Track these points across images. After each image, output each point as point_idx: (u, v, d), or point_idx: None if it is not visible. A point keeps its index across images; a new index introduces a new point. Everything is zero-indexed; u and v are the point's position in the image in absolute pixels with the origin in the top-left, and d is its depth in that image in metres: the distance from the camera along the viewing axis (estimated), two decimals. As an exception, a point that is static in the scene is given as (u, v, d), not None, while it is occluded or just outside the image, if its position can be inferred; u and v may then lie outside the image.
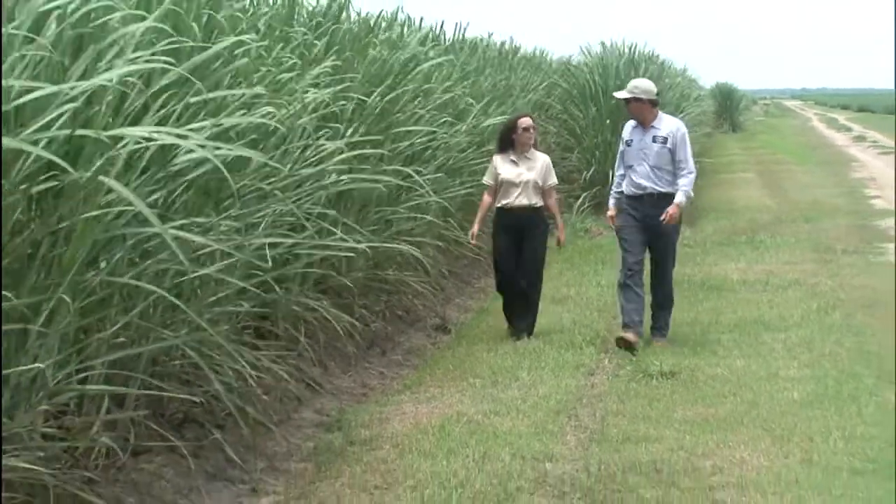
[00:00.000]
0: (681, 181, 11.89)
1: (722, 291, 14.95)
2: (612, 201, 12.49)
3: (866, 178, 33.68)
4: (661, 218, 11.69)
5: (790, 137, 58.81)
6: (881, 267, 17.49)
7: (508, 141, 12.52)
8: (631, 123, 12.22)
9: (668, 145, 11.88)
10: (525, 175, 12.34)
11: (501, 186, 12.39)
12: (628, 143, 12.10)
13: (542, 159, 12.62)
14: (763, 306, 14.06)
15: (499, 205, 12.48)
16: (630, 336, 11.66)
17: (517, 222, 12.37)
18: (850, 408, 9.62)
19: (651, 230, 11.94)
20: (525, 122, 12.58)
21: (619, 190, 12.26)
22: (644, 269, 12.15)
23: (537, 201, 12.41)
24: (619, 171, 12.35)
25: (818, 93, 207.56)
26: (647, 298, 12.30)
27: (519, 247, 12.36)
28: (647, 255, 12.32)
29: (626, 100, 12.14)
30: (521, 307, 12.48)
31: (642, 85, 12.23)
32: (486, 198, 12.68)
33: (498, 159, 12.55)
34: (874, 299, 14.52)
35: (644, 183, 11.89)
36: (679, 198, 11.81)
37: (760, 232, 21.06)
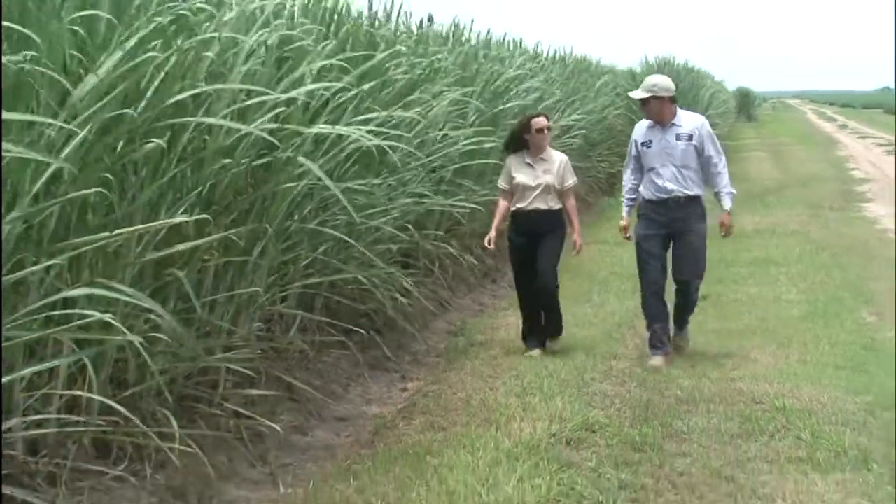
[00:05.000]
0: (717, 181, 8.38)
1: (740, 238, 14.66)
2: (625, 210, 8.71)
3: (847, 156, 33.47)
4: (723, 235, 8.56)
5: (791, 126, 57.87)
6: (858, 220, 17.44)
7: (521, 141, 8.75)
8: (645, 124, 8.49)
9: (694, 142, 8.29)
10: (542, 178, 8.62)
11: (517, 190, 8.68)
12: (646, 145, 8.40)
13: (558, 159, 8.77)
14: (771, 248, 13.98)
15: (514, 208, 8.75)
16: (658, 362, 8.19)
17: (534, 227, 8.63)
18: (834, 322, 9.60)
19: (677, 236, 8.36)
20: (539, 122, 8.74)
21: (632, 196, 8.62)
22: (667, 277, 8.53)
23: (554, 204, 8.66)
24: (631, 178, 8.61)
25: (812, 93, 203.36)
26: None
27: (534, 251, 8.65)
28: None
29: (643, 100, 8.37)
30: (537, 316, 8.82)
31: (662, 82, 8.48)
32: (502, 202, 8.87)
33: (512, 161, 8.79)
34: (853, 244, 14.49)
35: (670, 186, 8.25)
36: (727, 203, 8.39)
37: (769, 194, 20.88)
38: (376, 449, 6.35)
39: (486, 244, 9.03)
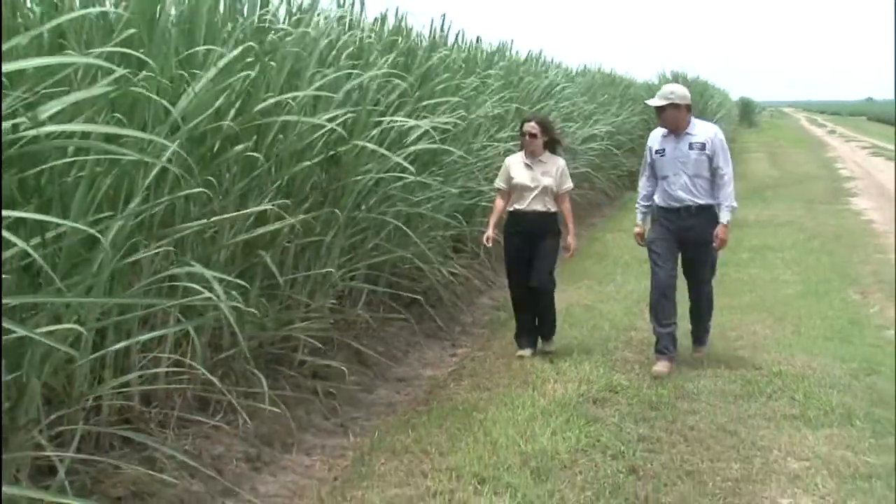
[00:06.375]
0: (722, 194, 7.21)
1: (742, 228, 14.62)
2: (639, 216, 7.62)
3: (836, 157, 33.29)
4: (714, 245, 7.24)
5: (787, 131, 57.30)
6: (846, 212, 17.29)
7: (522, 143, 7.67)
8: (660, 132, 7.41)
9: (707, 151, 7.19)
10: (539, 180, 7.46)
11: (515, 190, 7.54)
12: (660, 153, 7.34)
13: (557, 163, 7.57)
14: (769, 237, 13.88)
15: (511, 209, 7.60)
16: (663, 368, 7.05)
17: (530, 228, 7.49)
18: (823, 300, 9.55)
19: (687, 243, 7.31)
20: (526, 127, 7.57)
21: (647, 203, 7.51)
22: (677, 283, 7.41)
23: (552, 207, 7.52)
24: (647, 185, 7.52)
25: (805, 103, 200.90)
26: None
27: (531, 252, 7.52)
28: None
29: (660, 107, 7.26)
30: (531, 318, 7.69)
31: (678, 90, 7.37)
32: (499, 201, 7.71)
33: (511, 161, 7.66)
34: (841, 233, 14.39)
35: (682, 195, 7.20)
36: (725, 216, 7.18)
37: (767, 190, 20.74)
38: (431, 405, 6.40)
39: (484, 242, 7.79)
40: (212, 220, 5.05)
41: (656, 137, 7.44)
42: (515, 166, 7.58)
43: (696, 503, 4.75)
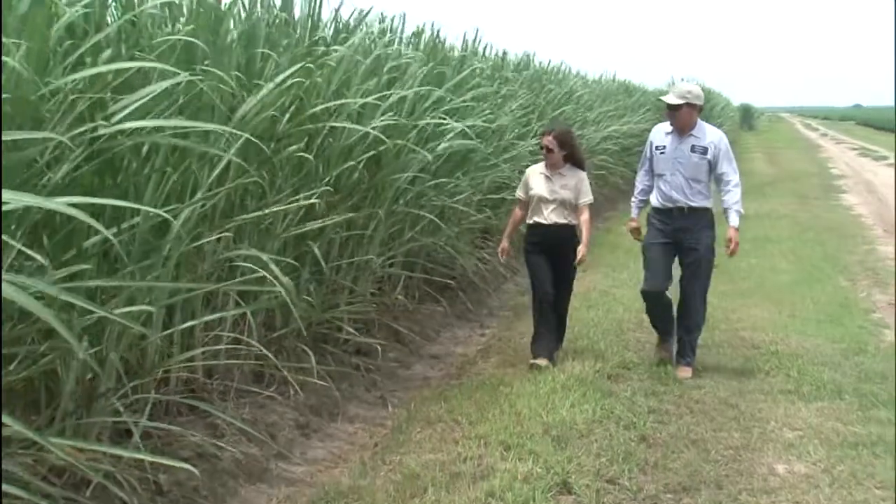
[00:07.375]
0: (728, 198, 6.46)
1: (743, 221, 14.43)
2: (634, 211, 6.82)
3: (828, 157, 33.29)
4: (729, 252, 6.45)
5: (783, 134, 56.85)
6: (836, 207, 17.22)
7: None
8: (663, 129, 6.60)
9: (708, 156, 6.40)
10: (558, 192, 6.59)
11: (533, 201, 6.66)
12: (660, 150, 6.55)
13: (577, 176, 6.64)
14: (767, 229, 13.81)
15: (530, 221, 6.72)
16: (668, 354, 6.67)
17: (548, 240, 6.62)
18: (817, 286, 9.52)
19: (681, 245, 6.50)
20: (544, 141, 6.69)
21: (643, 198, 6.76)
22: (671, 284, 6.63)
23: (571, 219, 6.62)
24: (644, 179, 6.76)
25: (800, 108, 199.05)
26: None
27: (552, 263, 6.65)
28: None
29: (675, 105, 6.44)
30: (549, 328, 6.70)
31: (695, 90, 6.54)
32: (517, 212, 6.88)
33: (531, 172, 6.79)
34: (832, 225, 14.34)
35: (675, 195, 6.42)
36: (734, 220, 6.44)
37: (765, 187, 20.64)
38: (462, 380, 6.41)
39: (500, 256, 7.22)
40: (267, 211, 5.08)
41: (659, 133, 6.65)
42: (535, 177, 6.75)
43: (701, 469, 4.75)
